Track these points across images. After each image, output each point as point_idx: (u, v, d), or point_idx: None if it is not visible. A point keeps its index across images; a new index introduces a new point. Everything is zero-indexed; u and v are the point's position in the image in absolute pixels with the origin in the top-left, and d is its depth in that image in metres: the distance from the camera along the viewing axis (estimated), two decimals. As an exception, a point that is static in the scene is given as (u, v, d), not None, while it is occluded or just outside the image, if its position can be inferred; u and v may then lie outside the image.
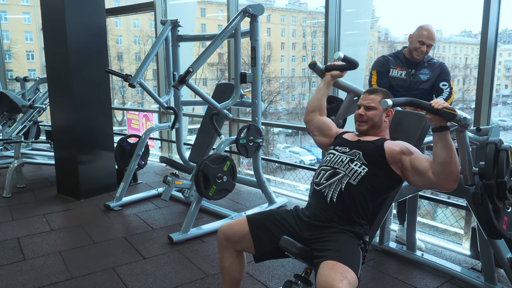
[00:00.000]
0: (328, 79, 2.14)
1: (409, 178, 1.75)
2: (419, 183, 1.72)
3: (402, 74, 2.71)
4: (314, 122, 2.13)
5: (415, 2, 19.79)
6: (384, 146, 1.80)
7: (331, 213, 1.74)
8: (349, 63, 2.09)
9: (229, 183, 3.01)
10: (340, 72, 2.12)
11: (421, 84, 2.68)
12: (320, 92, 2.15)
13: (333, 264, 1.50)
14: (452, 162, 1.58)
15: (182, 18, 3.85)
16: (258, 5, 3.21)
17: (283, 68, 20.50)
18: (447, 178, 1.59)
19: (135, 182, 4.44)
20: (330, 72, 2.12)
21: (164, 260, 2.69)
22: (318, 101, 2.14)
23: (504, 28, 14.82)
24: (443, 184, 1.61)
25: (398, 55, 2.76)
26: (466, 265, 2.62)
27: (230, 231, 1.82)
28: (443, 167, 1.59)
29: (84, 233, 3.14)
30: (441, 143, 1.59)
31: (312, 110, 2.14)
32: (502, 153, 1.70)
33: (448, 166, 1.58)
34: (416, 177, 1.71)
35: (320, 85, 2.16)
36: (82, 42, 3.81)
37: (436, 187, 1.66)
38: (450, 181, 1.60)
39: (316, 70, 2.12)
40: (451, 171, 1.58)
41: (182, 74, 2.85)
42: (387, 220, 2.79)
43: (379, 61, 2.79)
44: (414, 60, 2.70)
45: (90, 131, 3.96)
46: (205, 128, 3.81)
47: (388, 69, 2.74)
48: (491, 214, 1.84)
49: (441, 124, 1.59)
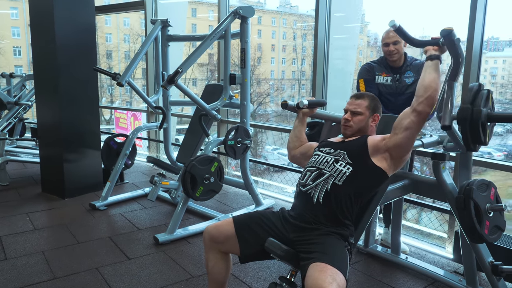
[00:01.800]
0: (300, 116, 2.19)
1: (396, 141, 1.77)
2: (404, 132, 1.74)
3: (388, 80, 2.74)
4: (297, 154, 2.18)
5: (404, 8, 20.02)
6: (367, 140, 1.85)
7: (317, 214, 1.75)
8: (315, 105, 2.17)
9: (216, 184, 3.01)
10: (310, 109, 2.17)
11: (407, 89, 2.71)
12: (296, 129, 2.21)
13: (322, 267, 1.51)
14: (433, 87, 1.69)
15: (172, 18, 3.84)
16: (249, 7, 3.21)
17: (273, 70, 20.54)
18: (425, 101, 1.69)
19: (122, 181, 4.40)
20: (302, 110, 2.17)
21: (149, 261, 2.67)
22: (296, 137, 2.20)
23: (490, 36, 15.09)
24: (421, 107, 1.70)
25: (382, 61, 2.79)
26: (449, 268, 2.66)
27: (216, 232, 1.82)
28: (425, 90, 1.69)
29: (68, 232, 3.10)
30: (431, 69, 1.71)
31: (293, 148, 2.20)
32: (484, 90, 1.77)
33: (429, 89, 1.69)
34: (400, 130, 1.76)
35: (295, 123, 2.21)
36: (71, 39, 3.77)
37: (415, 114, 1.72)
38: (427, 105, 1.70)
39: (289, 109, 2.18)
40: (430, 94, 1.69)
41: (171, 74, 2.84)
42: (372, 223, 2.81)
43: (364, 69, 2.82)
44: (395, 64, 2.73)
45: (77, 129, 3.92)
46: (193, 129, 3.80)
47: (374, 76, 2.77)
48: (473, 219, 1.87)
49: (438, 52, 1.71)
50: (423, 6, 19.63)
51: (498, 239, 1.99)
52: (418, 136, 2.18)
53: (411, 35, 1.80)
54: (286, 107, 2.19)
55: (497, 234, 1.98)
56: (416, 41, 1.81)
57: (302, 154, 2.15)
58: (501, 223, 2.01)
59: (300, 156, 2.16)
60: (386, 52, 2.69)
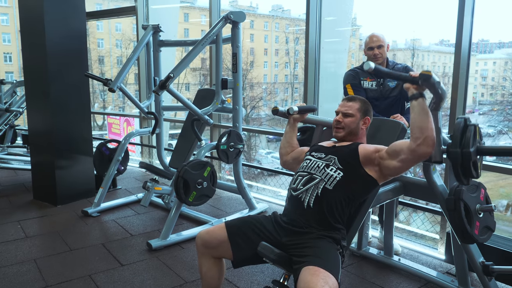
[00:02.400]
0: (291, 122, 2.21)
1: (389, 165, 1.75)
2: (399, 163, 1.72)
3: (373, 85, 2.78)
4: (289, 160, 2.19)
5: (395, 12, 20.25)
6: (358, 148, 1.85)
7: (308, 218, 1.76)
8: (306, 111, 2.19)
9: (209, 189, 3.00)
10: (300, 115, 2.19)
11: (391, 92, 2.77)
12: (287, 135, 2.22)
13: (314, 270, 1.51)
14: (429, 127, 1.63)
15: (164, 23, 3.84)
16: (240, 12, 3.23)
17: (266, 74, 20.59)
18: (424, 142, 1.63)
19: (114, 187, 4.38)
20: (292, 116, 2.18)
21: (143, 267, 2.66)
22: (288, 143, 2.21)
23: (480, 38, 15.27)
24: (421, 149, 1.64)
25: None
26: (441, 269, 2.68)
27: (208, 237, 1.83)
28: (421, 131, 1.63)
29: (61, 240, 3.08)
30: (418, 109, 1.64)
31: (285, 153, 2.21)
32: (470, 127, 1.77)
33: (425, 130, 1.63)
34: (395, 158, 1.73)
35: (286, 129, 2.23)
36: (61, 45, 3.76)
37: (414, 154, 1.67)
38: (427, 145, 1.64)
39: (280, 115, 2.20)
40: (427, 135, 1.63)
41: (162, 79, 2.84)
42: (365, 226, 2.83)
43: (349, 75, 2.86)
44: None
45: (68, 135, 3.90)
46: (186, 134, 3.80)
47: (359, 81, 2.81)
48: (463, 220, 1.89)
49: (418, 90, 1.65)
50: (413, 10, 19.83)
51: (488, 239, 2.01)
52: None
53: (389, 70, 1.80)
54: (277, 113, 2.20)
55: (487, 234, 2.01)
56: (395, 75, 1.79)
57: (294, 159, 2.16)
58: (491, 223, 2.03)
59: (292, 161, 2.17)
60: (371, 56, 2.75)
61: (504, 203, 10.37)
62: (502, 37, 13.77)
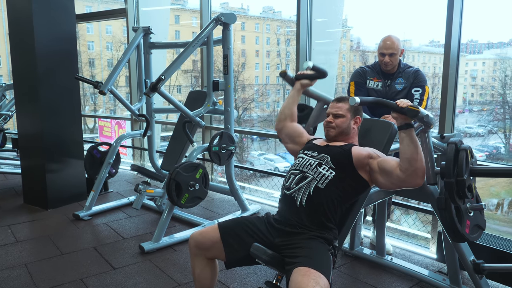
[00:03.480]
0: (298, 87, 2.17)
1: (378, 179, 1.78)
2: (388, 183, 1.75)
3: (379, 86, 2.78)
4: (285, 130, 2.16)
5: (385, 13, 20.41)
6: (351, 151, 1.85)
7: (301, 217, 1.76)
8: (318, 72, 2.14)
9: (202, 191, 3.00)
10: (309, 81, 2.16)
11: (397, 95, 2.74)
12: (290, 99, 2.18)
13: (305, 271, 1.52)
14: (418, 158, 1.63)
15: (154, 25, 3.83)
16: (230, 14, 3.23)
17: (258, 75, 20.61)
18: (414, 173, 1.64)
19: (106, 190, 4.35)
20: (300, 81, 2.16)
21: (135, 270, 2.64)
22: (289, 109, 2.17)
23: (469, 39, 15.44)
24: (411, 180, 1.66)
25: (375, 66, 2.84)
26: (433, 268, 2.70)
27: (201, 239, 1.83)
28: (410, 163, 1.63)
29: (52, 244, 3.04)
30: (407, 140, 1.65)
31: (283, 118, 2.17)
32: (462, 152, 1.77)
33: (414, 162, 1.63)
34: (385, 177, 1.74)
35: (291, 93, 2.20)
36: (51, 47, 3.73)
37: (404, 184, 1.69)
38: (417, 177, 1.65)
39: (287, 79, 2.16)
40: (417, 167, 1.63)
41: (153, 81, 2.84)
42: (357, 226, 2.84)
43: (357, 72, 2.87)
44: (388, 72, 2.77)
45: (59, 138, 3.86)
46: (178, 136, 3.79)
47: (365, 80, 2.82)
48: (454, 218, 1.90)
49: (406, 121, 1.65)
50: (403, 11, 20.01)
51: (479, 238, 2.03)
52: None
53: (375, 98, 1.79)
54: (284, 76, 2.16)
55: (478, 233, 2.02)
56: (383, 103, 1.77)
57: (289, 134, 2.14)
58: (482, 222, 2.05)
59: (287, 134, 2.15)
60: (381, 62, 2.73)
61: (495, 202, 10.49)
62: (490, 38, 13.98)
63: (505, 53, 15.97)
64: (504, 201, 10.52)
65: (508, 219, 9.90)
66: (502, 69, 15.20)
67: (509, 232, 8.44)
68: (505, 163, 12.03)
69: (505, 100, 14.37)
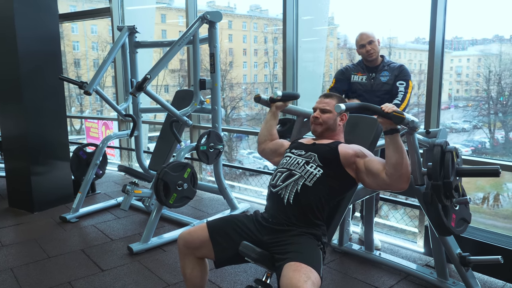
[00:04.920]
0: (273, 110, 2.19)
1: (364, 179, 1.80)
2: (373, 184, 1.77)
3: (363, 79, 2.84)
4: (267, 149, 2.18)
5: (371, 10, 20.55)
6: (338, 148, 1.85)
7: (288, 215, 1.76)
8: (289, 97, 2.17)
9: (190, 190, 2.98)
10: (283, 103, 2.17)
11: (382, 86, 2.81)
12: (268, 123, 2.20)
13: (296, 266, 1.52)
14: (404, 164, 1.64)
15: (140, 24, 3.80)
16: (216, 12, 3.22)
17: (246, 74, 20.57)
18: (399, 179, 1.65)
19: (93, 192, 4.30)
20: (275, 104, 2.18)
21: (124, 272, 2.62)
22: (267, 131, 2.20)
23: (454, 36, 15.60)
24: (396, 184, 1.68)
25: (359, 63, 2.93)
26: (421, 262, 2.73)
27: (190, 238, 1.82)
28: (395, 168, 1.64)
29: (38, 247, 3.00)
30: (393, 146, 1.65)
31: (263, 141, 2.20)
32: (448, 154, 1.79)
33: (400, 168, 1.64)
34: (370, 178, 1.76)
35: (267, 117, 2.21)
36: (34, 47, 3.67)
37: (389, 187, 1.72)
38: (402, 181, 1.66)
39: (262, 102, 2.19)
40: (402, 172, 1.64)
41: (139, 81, 2.81)
42: (346, 222, 2.86)
43: (339, 70, 2.96)
44: (372, 64, 2.83)
45: (44, 140, 3.81)
46: (165, 136, 3.77)
47: (348, 76, 2.89)
48: (440, 212, 1.92)
49: (391, 127, 1.65)
50: (389, 9, 20.16)
51: (464, 231, 2.05)
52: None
53: (360, 104, 1.79)
54: (259, 101, 2.18)
55: (463, 226, 2.05)
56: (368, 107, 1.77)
57: (272, 150, 2.16)
58: (467, 215, 2.08)
59: (269, 152, 2.17)
60: (364, 54, 2.81)
61: (481, 196, 10.65)
62: (475, 35, 14.14)
63: (488, 50, 16.19)
64: (490, 195, 10.69)
65: (494, 212, 10.07)
66: (486, 65, 15.40)
67: (494, 225, 8.58)
68: (490, 157, 12.26)
69: (489, 96, 14.58)
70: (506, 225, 8.69)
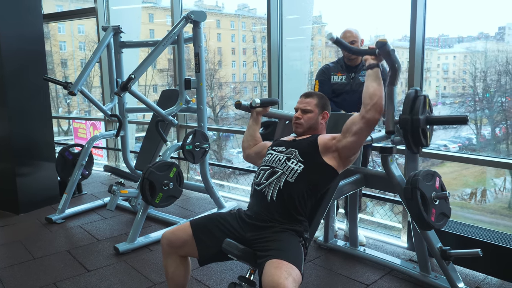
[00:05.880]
0: (254, 115, 2.23)
1: (345, 144, 1.82)
2: (354, 136, 1.79)
3: (343, 79, 2.85)
4: (252, 153, 2.21)
5: (359, 8, 20.69)
6: (317, 139, 1.90)
7: (271, 211, 1.79)
8: (268, 104, 2.22)
9: (176, 189, 2.99)
10: (263, 108, 2.22)
11: (361, 86, 2.78)
12: (250, 129, 2.24)
13: (278, 263, 1.54)
14: (378, 94, 1.75)
15: (126, 24, 3.79)
16: (200, 12, 3.22)
17: (235, 73, 20.54)
18: (373, 108, 1.74)
19: (80, 193, 4.28)
20: (255, 109, 2.21)
21: (110, 272, 2.62)
22: (251, 136, 2.23)
23: (441, 34, 15.76)
24: (369, 114, 1.74)
25: (339, 61, 2.92)
26: (404, 257, 2.77)
27: (174, 237, 1.83)
28: (371, 98, 1.74)
29: (23, 248, 2.98)
30: (373, 77, 1.77)
31: (247, 146, 2.23)
32: (420, 97, 1.88)
33: (374, 97, 1.74)
34: (349, 133, 1.81)
35: (249, 123, 2.25)
36: (17, 48, 3.65)
37: (364, 121, 1.76)
38: (375, 111, 1.74)
39: (243, 108, 2.22)
40: (376, 101, 1.74)
41: (124, 81, 2.80)
42: (330, 219, 2.89)
43: (320, 70, 2.95)
44: (352, 64, 2.84)
45: (29, 141, 3.78)
46: (151, 135, 3.76)
47: (329, 76, 2.89)
48: (420, 207, 1.96)
49: (376, 61, 1.78)
50: (376, 7, 20.32)
51: (444, 225, 2.09)
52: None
53: (349, 45, 1.92)
54: (239, 107, 2.22)
55: (443, 220, 2.09)
56: (355, 49, 1.91)
57: (257, 153, 2.18)
58: (447, 210, 2.12)
59: (255, 155, 2.19)
60: (344, 53, 2.81)
61: (468, 192, 10.79)
62: (461, 32, 14.32)
63: (474, 47, 16.39)
64: (477, 190, 10.83)
65: (481, 208, 10.21)
66: (472, 62, 15.59)
67: (481, 220, 8.70)
68: (477, 153, 12.43)
69: (476, 92, 14.76)
70: (493, 220, 8.82)
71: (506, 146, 11.22)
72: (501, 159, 2.68)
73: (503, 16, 8.26)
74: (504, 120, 11.38)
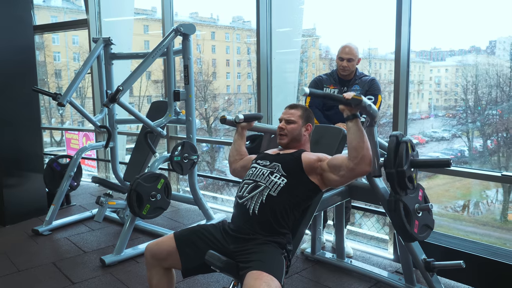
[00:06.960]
0: (239, 130, 2.24)
1: (330, 178, 1.82)
2: (339, 178, 1.78)
3: (335, 92, 2.86)
4: (238, 168, 2.21)
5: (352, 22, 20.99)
6: (301, 156, 1.90)
7: (253, 225, 1.79)
8: (251, 119, 2.25)
9: (164, 201, 2.98)
10: (247, 123, 2.24)
11: None
12: (236, 143, 2.25)
13: (258, 274, 1.55)
14: (365, 146, 1.69)
15: (118, 36, 3.83)
16: (190, 25, 3.26)
17: (229, 84, 20.61)
18: (361, 161, 1.69)
19: (68, 204, 4.25)
20: (240, 124, 2.23)
21: (95, 284, 2.60)
22: (236, 151, 2.24)
23: (433, 47, 15.98)
24: (359, 168, 1.70)
25: (333, 74, 2.93)
26: (391, 269, 2.78)
27: (157, 249, 1.83)
28: (357, 151, 1.69)
29: (8, 261, 2.95)
30: (354, 129, 1.70)
31: (233, 161, 2.24)
32: (402, 144, 1.86)
33: (361, 150, 1.69)
34: (335, 172, 1.79)
35: (235, 137, 2.26)
36: (7, 58, 3.66)
37: (353, 172, 1.73)
38: (364, 164, 1.70)
39: (228, 123, 2.24)
40: (364, 154, 1.69)
41: (112, 92, 2.82)
42: (317, 230, 2.89)
43: (313, 82, 2.96)
44: (345, 78, 2.86)
45: (17, 152, 3.77)
46: (140, 147, 3.77)
47: (322, 88, 2.89)
48: (403, 219, 1.98)
49: (352, 112, 1.71)
50: (369, 21, 20.64)
51: (427, 237, 2.11)
52: None
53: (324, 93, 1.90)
54: (224, 122, 2.24)
55: (426, 232, 2.10)
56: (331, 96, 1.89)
57: (243, 167, 2.19)
58: (430, 221, 2.13)
59: (241, 169, 2.20)
60: (339, 65, 2.82)
61: (461, 204, 10.82)
62: (452, 46, 14.51)
63: (465, 60, 16.61)
64: (470, 203, 10.86)
65: (474, 220, 10.23)
66: (464, 75, 15.78)
67: (474, 232, 8.71)
68: (469, 166, 12.48)
69: (467, 105, 14.91)
70: (486, 231, 8.82)
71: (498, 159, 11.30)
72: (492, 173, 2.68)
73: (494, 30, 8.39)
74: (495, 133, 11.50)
